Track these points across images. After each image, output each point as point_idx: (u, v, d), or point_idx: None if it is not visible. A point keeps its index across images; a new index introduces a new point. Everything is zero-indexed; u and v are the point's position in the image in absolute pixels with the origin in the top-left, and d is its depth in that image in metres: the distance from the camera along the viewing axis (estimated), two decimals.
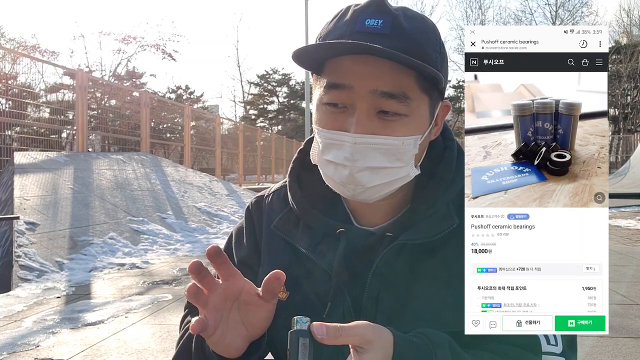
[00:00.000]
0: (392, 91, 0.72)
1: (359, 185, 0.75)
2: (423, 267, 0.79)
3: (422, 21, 0.77)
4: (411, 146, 0.76)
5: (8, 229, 5.13)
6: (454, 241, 0.79)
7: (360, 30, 0.73)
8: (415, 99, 0.74)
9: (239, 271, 0.72)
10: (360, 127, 0.73)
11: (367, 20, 0.73)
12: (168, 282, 4.59)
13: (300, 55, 0.74)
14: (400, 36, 0.72)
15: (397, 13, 0.74)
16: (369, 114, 0.73)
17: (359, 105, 0.73)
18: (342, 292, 0.80)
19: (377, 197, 0.78)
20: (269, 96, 44.07)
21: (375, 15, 0.73)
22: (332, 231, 0.83)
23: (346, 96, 0.74)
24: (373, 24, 0.73)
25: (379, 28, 0.73)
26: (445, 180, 0.82)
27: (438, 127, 0.84)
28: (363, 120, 0.73)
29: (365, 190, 0.76)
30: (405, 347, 0.65)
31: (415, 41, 0.73)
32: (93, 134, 12.95)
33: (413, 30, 0.74)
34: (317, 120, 0.79)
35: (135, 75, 31.24)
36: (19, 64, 13.41)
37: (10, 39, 27.89)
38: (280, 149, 24.63)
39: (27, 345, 2.95)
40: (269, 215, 0.93)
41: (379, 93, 0.72)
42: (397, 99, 0.72)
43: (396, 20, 0.73)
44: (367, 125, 0.73)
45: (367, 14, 0.74)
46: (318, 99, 0.78)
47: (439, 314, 0.76)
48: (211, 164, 19.56)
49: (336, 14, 0.79)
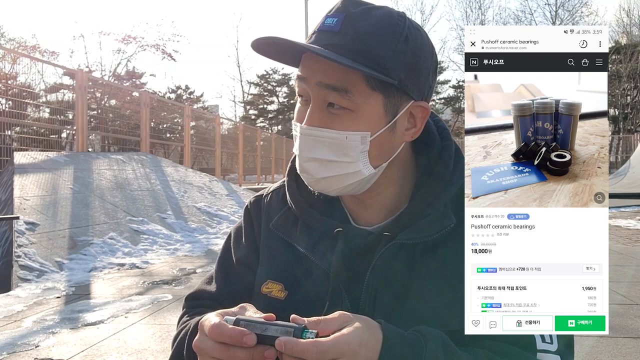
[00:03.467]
0: (334, 84, 0.75)
1: (309, 175, 0.79)
2: (421, 266, 0.79)
3: (380, 20, 0.77)
4: (357, 142, 0.76)
5: (8, 229, 5.13)
6: (451, 240, 0.79)
7: (320, 28, 0.78)
8: (361, 95, 0.76)
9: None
10: (310, 120, 0.77)
11: (327, 19, 0.78)
12: (168, 282, 4.59)
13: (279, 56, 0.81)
14: (348, 34, 0.75)
15: (354, 11, 0.76)
16: (320, 107, 0.77)
17: (312, 96, 0.78)
18: (341, 292, 0.81)
19: (334, 191, 0.81)
20: (269, 96, 44.08)
21: (334, 13, 0.77)
22: (331, 231, 0.84)
23: (304, 88, 0.79)
24: (329, 22, 0.77)
25: (333, 26, 0.76)
26: (443, 180, 0.82)
27: (417, 129, 0.82)
28: (314, 113, 0.77)
29: (316, 180, 0.79)
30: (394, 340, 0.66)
31: (362, 40, 0.75)
32: (93, 134, 12.95)
33: (364, 28, 0.75)
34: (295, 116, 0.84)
35: (135, 75, 31.23)
36: (19, 64, 13.41)
37: (10, 39, 27.91)
38: (280, 149, 24.62)
39: (27, 345, 2.95)
40: (268, 214, 0.93)
41: (323, 85, 0.76)
42: (338, 92, 0.75)
43: (347, 18, 0.76)
44: (318, 117, 0.77)
45: (330, 12, 0.78)
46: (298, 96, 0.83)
47: (437, 313, 0.76)
48: (211, 164, 19.56)
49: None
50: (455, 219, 0.80)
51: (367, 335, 0.64)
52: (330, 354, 0.61)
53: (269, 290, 0.86)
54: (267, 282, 0.87)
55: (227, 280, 0.94)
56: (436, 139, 0.88)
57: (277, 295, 0.86)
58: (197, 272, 5.06)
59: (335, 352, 0.61)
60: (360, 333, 0.63)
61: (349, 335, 0.62)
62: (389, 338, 0.65)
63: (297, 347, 0.61)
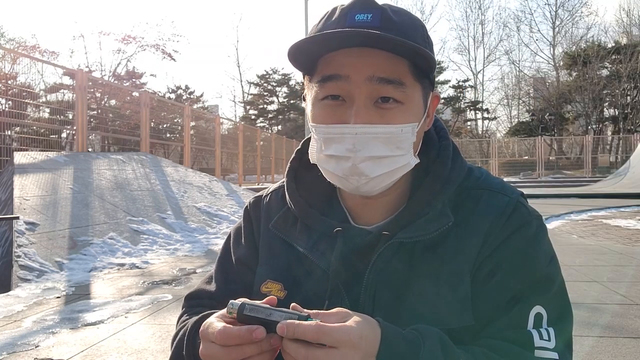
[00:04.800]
0: (389, 77, 0.74)
1: (362, 176, 0.76)
2: (420, 265, 0.79)
3: (408, 15, 0.79)
4: (409, 134, 0.77)
5: (8, 229, 5.13)
6: (450, 239, 0.79)
7: (351, 25, 0.74)
8: (410, 86, 0.76)
9: None
10: (360, 117, 0.74)
11: (356, 15, 0.75)
12: (168, 282, 4.58)
13: (297, 51, 0.75)
14: (391, 28, 0.74)
15: (385, 7, 0.76)
16: (366, 104, 0.75)
17: (357, 94, 0.74)
18: (340, 291, 0.81)
19: (380, 189, 0.79)
20: (269, 96, 44.08)
21: (363, 10, 0.75)
22: (330, 230, 0.84)
23: (342, 87, 0.75)
24: (363, 18, 0.74)
25: (369, 22, 0.74)
26: (442, 179, 0.82)
27: (430, 119, 0.85)
28: (361, 110, 0.74)
29: (369, 181, 0.76)
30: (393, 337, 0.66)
31: (405, 33, 0.74)
32: (93, 134, 12.94)
33: (402, 23, 0.76)
34: (313, 118, 0.79)
35: (135, 75, 31.24)
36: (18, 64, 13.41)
37: (10, 39, 27.90)
38: (280, 149, 24.62)
39: (27, 345, 2.95)
40: (267, 215, 0.94)
41: (375, 79, 0.74)
42: (393, 85, 0.74)
43: (385, 14, 0.75)
44: (366, 115, 0.74)
45: (355, 10, 0.76)
46: (313, 97, 0.79)
47: (436, 311, 0.76)
48: (211, 164, 19.57)
49: (323, 15, 0.80)
50: (454, 217, 0.80)
51: (367, 331, 0.64)
52: (330, 338, 0.61)
53: (269, 289, 0.87)
54: (266, 281, 0.88)
55: (227, 280, 0.95)
56: (434, 138, 0.88)
57: (276, 295, 0.86)
58: (197, 272, 5.06)
59: (336, 338, 0.61)
60: (361, 327, 0.63)
61: (351, 327, 0.62)
62: (387, 335, 0.65)
63: (298, 328, 0.61)
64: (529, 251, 0.79)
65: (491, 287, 0.78)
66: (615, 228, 8.17)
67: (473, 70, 44.75)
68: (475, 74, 44.27)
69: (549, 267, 0.80)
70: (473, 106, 43.92)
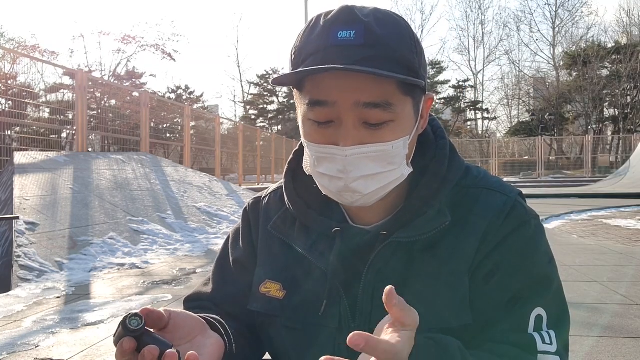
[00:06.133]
0: (375, 101, 0.72)
1: (356, 194, 0.76)
2: (418, 264, 0.80)
3: (394, 23, 0.75)
4: (400, 148, 0.76)
5: (8, 229, 5.13)
6: (447, 238, 0.80)
7: (334, 43, 0.72)
8: (399, 103, 0.74)
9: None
10: (349, 140, 0.73)
11: (339, 32, 0.73)
12: (168, 282, 4.58)
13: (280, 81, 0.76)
14: (374, 44, 0.72)
15: (368, 20, 0.73)
16: (355, 126, 0.74)
17: (345, 117, 0.74)
18: (338, 291, 0.81)
19: (375, 200, 0.79)
20: (269, 96, 44.09)
21: (346, 26, 0.73)
22: (328, 231, 0.84)
23: (330, 112, 0.74)
24: (345, 35, 0.72)
25: (352, 39, 0.72)
26: (439, 178, 0.82)
27: (425, 120, 0.84)
28: (350, 132, 0.74)
29: (362, 197, 0.77)
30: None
31: (390, 47, 0.73)
32: (93, 134, 12.95)
33: (386, 35, 0.73)
34: (305, 135, 0.79)
35: (135, 75, 31.26)
36: (18, 64, 13.41)
37: (10, 39, 27.91)
38: (280, 149, 24.62)
39: (27, 345, 2.95)
40: (266, 216, 0.94)
41: (362, 104, 0.72)
42: (381, 108, 0.73)
43: (368, 28, 0.72)
44: (355, 136, 0.74)
45: (338, 26, 0.73)
46: (303, 114, 0.78)
47: (435, 310, 0.76)
48: (211, 164, 19.57)
49: (307, 24, 0.78)
50: (452, 216, 0.80)
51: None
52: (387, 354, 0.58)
53: (268, 290, 0.87)
54: (265, 281, 0.88)
55: (224, 281, 0.95)
56: (431, 137, 0.88)
57: (275, 294, 0.86)
58: (197, 272, 5.06)
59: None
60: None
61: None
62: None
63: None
64: (528, 251, 0.79)
65: (491, 288, 0.78)
66: (615, 228, 8.17)
67: (473, 70, 44.80)
68: (475, 74, 44.32)
69: (548, 268, 0.80)
70: (473, 106, 43.94)
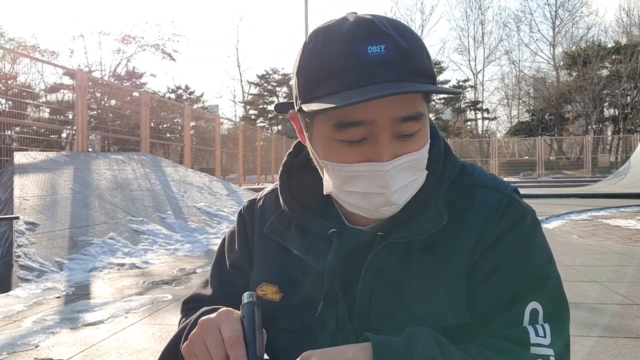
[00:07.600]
0: (411, 114, 0.73)
1: (393, 206, 0.76)
2: (416, 263, 0.79)
3: (411, 33, 0.75)
4: (426, 151, 0.78)
5: (8, 229, 5.13)
6: (444, 238, 0.79)
7: (366, 59, 0.70)
8: (425, 111, 0.76)
9: None
10: (388, 155, 0.73)
11: (368, 47, 0.70)
12: (168, 282, 4.58)
13: (322, 110, 0.71)
14: (405, 59, 0.71)
15: (392, 33, 0.72)
16: (390, 140, 0.74)
17: (381, 134, 0.73)
18: (336, 292, 0.81)
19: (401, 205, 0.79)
20: (269, 96, 44.09)
21: (374, 41, 0.70)
22: (325, 232, 0.83)
23: (365, 130, 0.73)
24: (376, 51, 0.70)
25: (384, 55, 0.70)
26: (434, 177, 0.82)
27: None
28: (387, 147, 0.73)
29: (397, 207, 0.77)
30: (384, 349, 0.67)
31: (417, 59, 0.72)
32: (93, 134, 12.94)
33: (411, 48, 0.72)
34: (329, 156, 0.76)
35: (135, 75, 31.26)
36: (19, 64, 13.41)
37: (10, 39, 27.92)
38: (280, 149, 24.62)
39: (26, 345, 2.95)
40: (261, 218, 0.93)
41: (400, 119, 0.72)
42: (415, 120, 0.74)
43: (396, 43, 0.71)
44: (391, 150, 0.73)
45: (365, 41, 0.70)
46: (325, 135, 0.75)
47: (433, 310, 0.76)
48: (211, 164, 19.57)
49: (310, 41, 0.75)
50: (449, 215, 0.80)
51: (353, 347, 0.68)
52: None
53: (264, 292, 0.86)
54: (261, 284, 0.87)
55: (223, 283, 0.95)
56: None
57: (272, 297, 0.85)
58: (197, 272, 5.06)
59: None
60: (347, 347, 0.67)
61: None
62: (378, 347, 0.67)
63: None
64: (525, 248, 0.79)
65: (490, 288, 0.77)
66: (615, 228, 8.17)
67: (473, 70, 44.78)
68: (475, 74, 44.30)
69: (545, 262, 0.80)
70: (473, 106, 43.92)
